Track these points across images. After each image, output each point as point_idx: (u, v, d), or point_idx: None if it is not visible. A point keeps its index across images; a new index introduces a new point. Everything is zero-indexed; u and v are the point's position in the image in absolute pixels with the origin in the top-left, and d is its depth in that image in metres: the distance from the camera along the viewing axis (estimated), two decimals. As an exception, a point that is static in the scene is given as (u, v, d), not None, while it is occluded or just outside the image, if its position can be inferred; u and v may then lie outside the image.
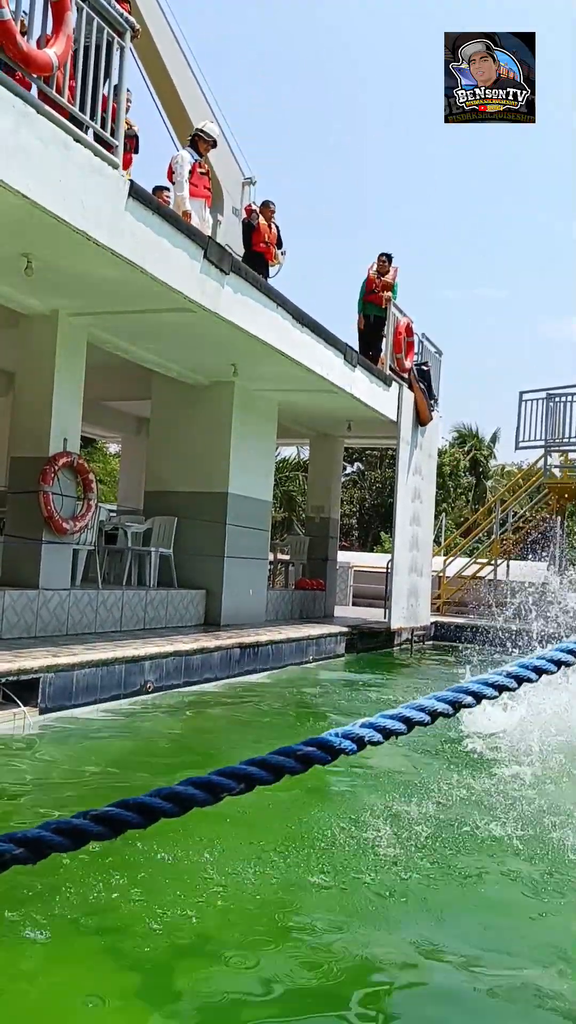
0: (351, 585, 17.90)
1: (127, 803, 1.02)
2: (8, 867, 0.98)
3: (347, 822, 4.10)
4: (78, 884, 3.16)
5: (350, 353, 10.52)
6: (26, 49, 5.29)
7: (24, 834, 0.99)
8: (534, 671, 1.19)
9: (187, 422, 10.51)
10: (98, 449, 28.68)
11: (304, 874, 3.48)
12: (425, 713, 1.14)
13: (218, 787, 1.04)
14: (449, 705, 1.14)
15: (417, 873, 3.55)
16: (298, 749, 1.08)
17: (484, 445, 35.20)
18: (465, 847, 3.89)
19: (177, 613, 9.55)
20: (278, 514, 29.85)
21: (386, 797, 4.54)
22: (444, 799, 4.58)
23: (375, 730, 1.11)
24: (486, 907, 3.36)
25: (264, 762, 1.06)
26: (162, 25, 10.27)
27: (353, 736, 1.10)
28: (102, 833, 1.01)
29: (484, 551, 18.18)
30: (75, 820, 1.01)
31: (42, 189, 5.42)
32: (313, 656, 10.41)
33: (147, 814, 1.01)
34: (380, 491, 33.95)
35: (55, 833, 1.00)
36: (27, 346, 8.06)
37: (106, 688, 6.65)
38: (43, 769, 4.90)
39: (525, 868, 3.67)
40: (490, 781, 4.92)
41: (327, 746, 1.09)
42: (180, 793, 1.02)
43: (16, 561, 7.83)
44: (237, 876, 3.40)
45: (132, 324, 8.27)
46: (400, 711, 1.13)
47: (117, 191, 6.14)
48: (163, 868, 3.41)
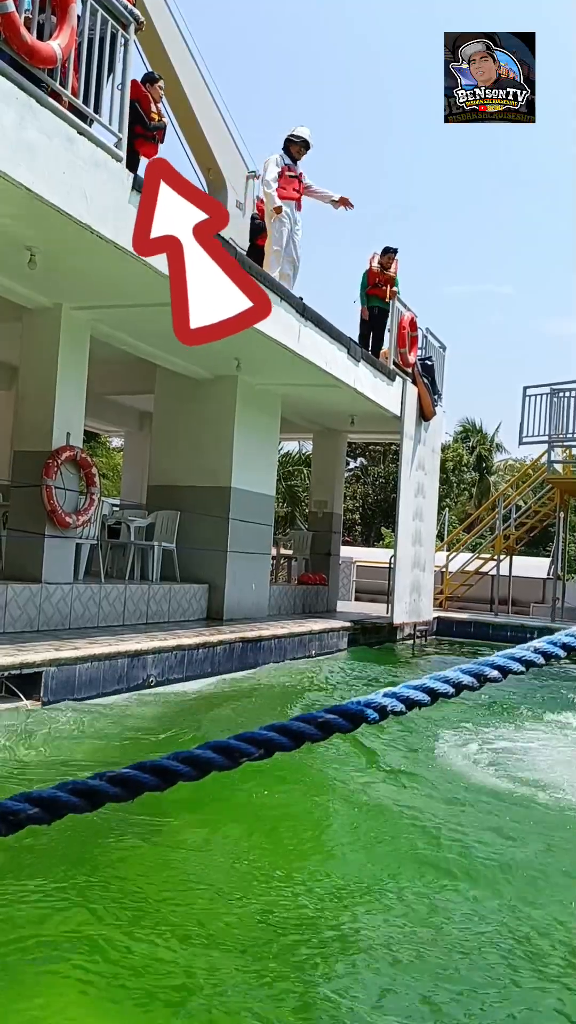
0: (354, 580, 17.91)
1: (144, 765, 1.02)
2: (23, 826, 0.97)
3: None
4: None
5: (353, 348, 10.50)
6: (30, 41, 5.27)
7: (39, 793, 0.99)
8: (562, 648, 1.17)
9: (190, 416, 10.51)
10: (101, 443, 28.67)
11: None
12: (450, 685, 1.12)
13: (237, 751, 1.03)
14: (474, 678, 1.13)
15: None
16: (319, 716, 1.07)
17: (488, 440, 35.12)
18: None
19: (180, 607, 9.56)
20: (281, 509, 29.84)
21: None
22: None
23: (398, 700, 1.10)
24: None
25: (285, 728, 1.05)
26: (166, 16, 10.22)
27: (375, 705, 1.09)
28: (119, 795, 1.00)
29: (487, 546, 18.16)
30: (91, 781, 1.00)
31: (45, 183, 5.41)
32: (315, 651, 10.41)
33: (164, 776, 1.00)
34: (383, 486, 33.90)
35: (71, 793, 0.99)
36: (30, 340, 8.05)
37: (108, 682, 6.66)
38: (45, 763, 4.90)
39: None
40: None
41: (349, 714, 1.08)
42: (198, 756, 1.01)
43: (19, 555, 7.84)
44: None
45: (135, 318, 8.26)
46: (424, 682, 1.12)
47: (121, 184, 6.13)
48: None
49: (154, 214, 2.05)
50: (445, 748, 5.87)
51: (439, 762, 5.53)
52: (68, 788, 0.99)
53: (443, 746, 5.93)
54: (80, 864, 3.32)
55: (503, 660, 1.13)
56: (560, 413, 15.84)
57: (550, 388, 15.93)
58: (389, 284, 11.88)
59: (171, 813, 3.97)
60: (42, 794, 0.98)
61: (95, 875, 3.25)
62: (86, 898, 3.02)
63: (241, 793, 4.30)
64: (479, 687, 1.13)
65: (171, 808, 3.98)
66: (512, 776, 5.09)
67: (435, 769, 5.36)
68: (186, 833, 3.87)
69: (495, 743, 6.15)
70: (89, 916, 2.89)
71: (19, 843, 3.21)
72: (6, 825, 0.94)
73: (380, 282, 11.89)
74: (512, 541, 16.78)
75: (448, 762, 5.52)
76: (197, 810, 4.08)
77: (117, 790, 0.99)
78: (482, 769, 5.34)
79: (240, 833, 3.93)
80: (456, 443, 34.31)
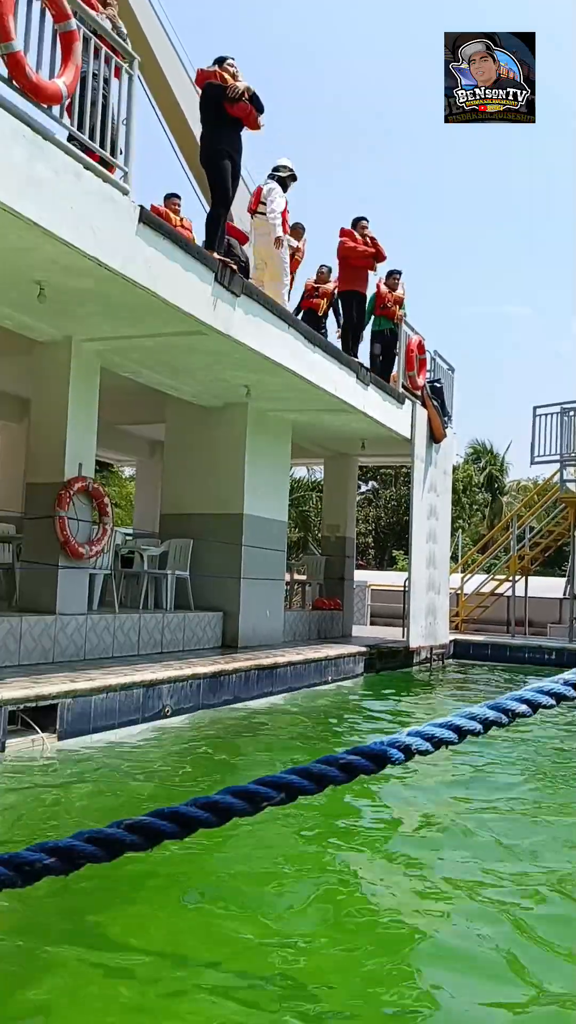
0: (368, 604, 17.80)
1: (163, 812, 0.98)
2: (40, 877, 0.94)
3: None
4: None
5: (363, 372, 10.52)
6: (35, 80, 5.36)
7: (56, 843, 0.96)
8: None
9: (201, 444, 10.53)
10: (113, 473, 28.78)
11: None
12: (477, 722, 1.08)
13: (258, 796, 0.99)
14: (503, 714, 1.09)
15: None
16: (341, 758, 1.03)
17: (499, 461, 35.04)
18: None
19: (194, 636, 9.51)
20: (293, 534, 29.79)
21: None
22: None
23: (423, 739, 1.06)
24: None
25: (307, 771, 1.01)
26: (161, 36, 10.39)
27: (400, 745, 1.05)
28: (136, 843, 0.97)
29: (502, 567, 18.04)
30: (109, 830, 0.97)
31: (54, 218, 5.47)
32: (332, 677, 10.32)
33: (184, 824, 0.97)
34: (395, 509, 33.82)
35: (88, 843, 0.96)
36: (41, 372, 8.11)
37: (124, 713, 6.61)
38: (62, 796, 4.85)
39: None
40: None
41: (372, 755, 1.04)
42: (218, 802, 0.98)
43: (33, 586, 7.83)
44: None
45: (145, 348, 8.31)
46: (450, 719, 1.08)
47: (128, 217, 6.19)
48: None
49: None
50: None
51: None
52: (85, 837, 0.96)
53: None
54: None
55: (532, 694, 1.09)
56: (571, 432, 15.78)
57: (560, 408, 15.89)
58: (398, 305, 11.89)
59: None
60: (59, 844, 0.95)
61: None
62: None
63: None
64: (509, 723, 1.09)
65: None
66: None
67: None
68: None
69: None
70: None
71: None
72: (22, 876, 0.91)
73: (389, 303, 11.90)
74: (527, 561, 16.67)
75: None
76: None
77: (135, 838, 0.96)
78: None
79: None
80: (467, 464, 34.25)
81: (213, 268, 7.28)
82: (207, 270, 7.20)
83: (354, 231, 10.80)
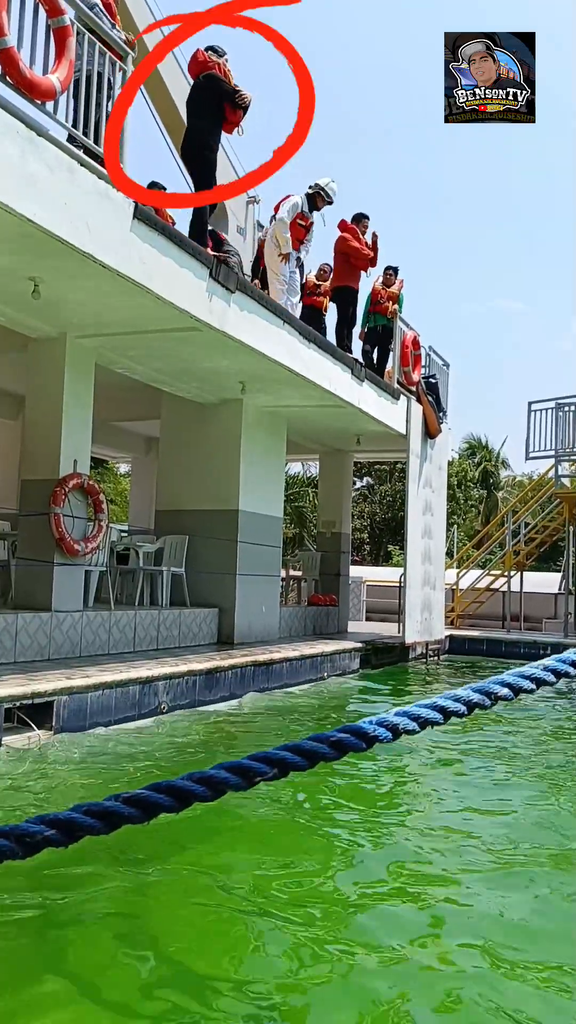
0: (364, 600, 17.84)
1: (159, 786, 1.01)
2: (41, 848, 0.96)
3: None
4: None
5: (357, 368, 10.53)
6: (29, 75, 5.35)
7: (56, 816, 0.97)
8: (572, 665, 1.16)
9: (197, 440, 10.53)
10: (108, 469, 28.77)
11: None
12: (461, 704, 1.11)
13: (251, 771, 1.01)
14: (486, 696, 1.12)
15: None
16: (332, 736, 1.06)
17: (494, 456, 35.10)
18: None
19: (190, 632, 9.52)
20: (289, 530, 29.81)
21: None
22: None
23: (410, 719, 1.09)
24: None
25: (298, 747, 1.04)
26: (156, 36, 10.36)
27: (388, 724, 1.08)
28: (134, 816, 0.99)
29: (497, 563, 18.09)
30: (107, 803, 0.99)
31: (48, 214, 5.46)
32: (328, 672, 10.35)
33: (180, 797, 0.99)
34: (391, 504, 33.86)
35: (87, 815, 0.98)
36: (36, 369, 8.10)
37: (120, 709, 6.62)
38: (58, 793, 4.86)
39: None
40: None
41: (362, 733, 1.07)
42: (213, 777, 1.00)
43: (28, 584, 7.83)
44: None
45: (140, 344, 8.30)
46: (436, 701, 1.11)
47: (123, 213, 6.18)
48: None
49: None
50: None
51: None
52: (84, 810, 0.98)
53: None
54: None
55: (513, 678, 1.13)
56: (566, 427, 15.82)
57: (555, 403, 15.94)
58: (392, 301, 11.90)
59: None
60: (59, 816, 0.96)
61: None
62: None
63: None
64: (491, 705, 1.13)
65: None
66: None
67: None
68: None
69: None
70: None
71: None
72: (23, 847, 0.93)
73: (383, 299, 11.92)
74: (522, 557, 16.71)
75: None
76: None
77: (132, 811, 0.98)
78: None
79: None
80: (462, 459, 34.30)
81: (208, 264, 7.27)
82: (202, 266, 7.20)
83: (356, 228, 10.82)
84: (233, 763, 1.02)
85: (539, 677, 1.18)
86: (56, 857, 3.55)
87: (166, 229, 6.79)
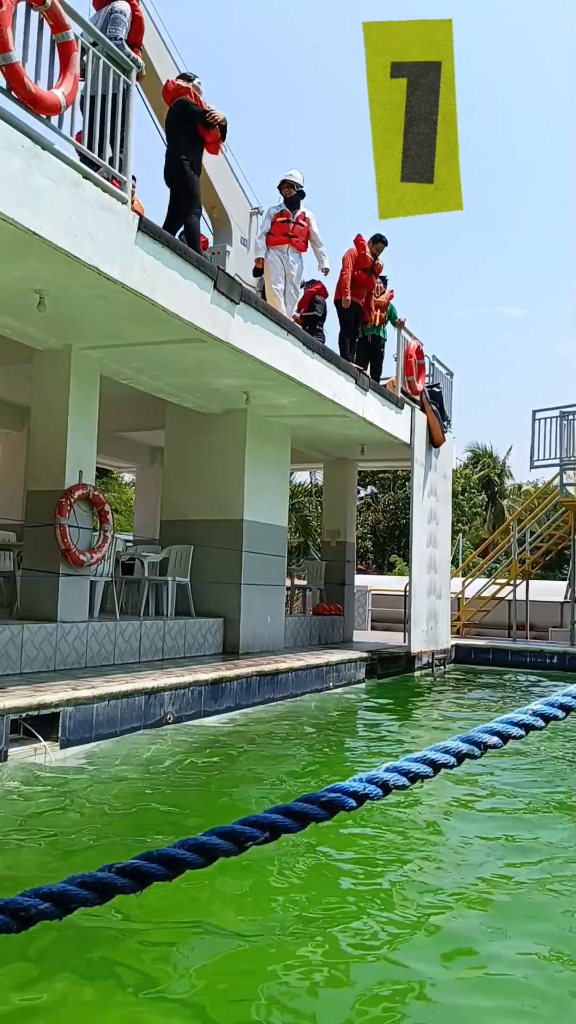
0: (369, 609, 17.80)
1: (152, 855, 1.00)
2: (35, 923, 0.96)
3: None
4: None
5: (361, 377, 10.55)
6: (34, 90, 5.38)
7: (50, 889, 0.97)
8: (560, 708, 1.16)
9: (201, 450, 10.55)
10: (113, 479, 28.82)
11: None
12: (451, 755, 1.11)
13: (242, 836, 1.01)
14: (475, 746, 1.11)
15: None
16: (322, 796, 1.06)
17: (499, 464, 35.09)
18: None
19: (195, 642, 9.52)
20: (294, 539, 29.81)
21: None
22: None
23: (400, 774, 1.09)
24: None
25: (288, 810, 1.04)
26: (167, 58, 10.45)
27: (378, 781, 1.08)
28: (128, 886, 0.98)
29: (503, 571, 18.05)
30: (100, 874, 0.99)
31: (53, 227, 5.49)
32: (333, 683, 10.33)
33: (172, 866, 0.99)
34: (395, 513, 33.85)
35: (80, 887, 0.98)
36: (41, 380, 8.13)
37: (126, 720, 6.62)
38: (64, 805, 4.86)
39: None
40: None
41: (351, 792, 1.07)
42: (204, 844, 1.00)
43: (34, 595, 7.84)
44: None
45: (144, 355, 8.33)
46: (425, 754, 1.11)
47: (127, 226, 6.21)
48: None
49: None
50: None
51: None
52: (77, 882, 0.97)
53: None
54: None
55: (501, 726, 1.13)
56: (571, 436, 15.81)
57: (559, 411, 15.93)
58: (380, 310, 11.75)
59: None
60: (52, 889, 0.97)
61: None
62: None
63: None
64: (480, 755, 1.12)
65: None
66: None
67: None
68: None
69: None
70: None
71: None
72: (18, 922, 0.93)
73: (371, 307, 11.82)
74: (528, 565, 16.68)
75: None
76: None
77: (126, 881, 0.98)
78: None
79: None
80: (466, 468, 34.29)
81: (212, 275, 7.30)
82: (206, 278, 7.23)
83: (367, 247, 10.92)
84: (224, 828, 1.02)
85: (527, 723, 1.18)
86: (57, 861, 3.54)
87: (170, 241, 6.82)
